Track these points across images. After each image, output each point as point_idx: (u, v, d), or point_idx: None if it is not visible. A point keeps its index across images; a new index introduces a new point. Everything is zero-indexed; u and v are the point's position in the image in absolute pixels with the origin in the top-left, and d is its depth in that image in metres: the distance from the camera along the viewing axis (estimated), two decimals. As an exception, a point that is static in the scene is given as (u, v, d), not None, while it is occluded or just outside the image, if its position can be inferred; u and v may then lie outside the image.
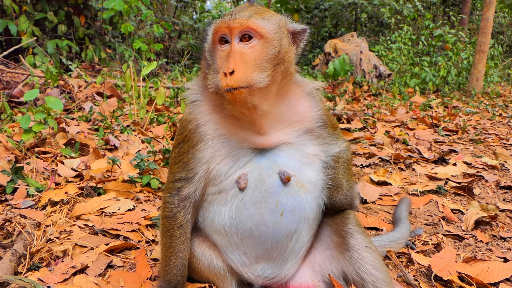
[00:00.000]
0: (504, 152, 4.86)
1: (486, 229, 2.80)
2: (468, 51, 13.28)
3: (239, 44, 1.64)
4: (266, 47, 1.65)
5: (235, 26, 1.62)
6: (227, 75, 1.56)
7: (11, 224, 2.42)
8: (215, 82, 1.66)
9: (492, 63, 14.40)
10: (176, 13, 16.22)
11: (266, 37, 1.65)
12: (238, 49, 1.62)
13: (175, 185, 1.78)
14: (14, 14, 8.21)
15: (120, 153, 4.03)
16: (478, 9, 21.14)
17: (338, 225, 1.85)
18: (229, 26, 1.63)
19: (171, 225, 1.79)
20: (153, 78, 8.32)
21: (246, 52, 1.63)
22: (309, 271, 1.91)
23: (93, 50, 9.43)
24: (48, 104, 3.75)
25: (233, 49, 1.62)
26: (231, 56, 1.61)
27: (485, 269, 2.15)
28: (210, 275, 1.90)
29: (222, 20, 1.66)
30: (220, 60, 1.67)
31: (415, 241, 2.57)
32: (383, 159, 4.44)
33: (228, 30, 1.64)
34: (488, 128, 6.88)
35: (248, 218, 1.72)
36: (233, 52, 1.61)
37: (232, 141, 1.74)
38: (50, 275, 1.95)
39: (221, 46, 1.68)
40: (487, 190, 3.64)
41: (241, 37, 1.64)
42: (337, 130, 1.93)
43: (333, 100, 8.65)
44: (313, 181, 1.80)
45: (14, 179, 2.90)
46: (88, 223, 2.54)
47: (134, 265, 2.12)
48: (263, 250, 1.78)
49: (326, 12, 18.99)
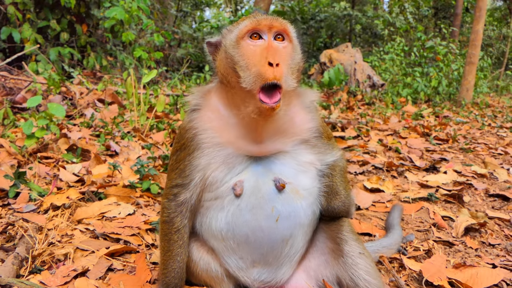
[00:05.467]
0: (493, 161, 4.89)
1: (475, 235, 2.82)
2: (458, 63, 13.40)
3: (275, 42, 1.65)
4: (293, 52, 1.69)
5: (276, 24, 1.64)
6: (274, 66, 1.54)
7: (14, 227, 2.42)
8: (252, 76, 1.57)
9: (482, 74, 14.52)
10: (176, 23, 16.28)
11: (293, 43, 1.70)
12: (275, 45, 1.63)
13: (172, 191, 1.78)
14: (18, 22, 8.21)
15: (121, 158, 4.03)
16: (468, 22, 21.34)
17: (333, 231, 1.86)
18: (270, 24, 1.63)
19: (169, 230, 1.79)
20: (153, 86, 8.35)
21: (281, 50, 1.64)
22: (304, 275, 1.91)
23: (94, 57, 9.44)
24: (50, 110, 3.75)
25: (271, 44, 1.62)
26: (271, 50, 1.59)
27: (474, 275, 2.15)
28: (208, 278, 1.90)
29: (261, 18, 1.65)
30: (255, 54, 1.61)
31: (406, 247, 2.58)
32: (376, 166, 4.46)
33: (267, 28, 1.63)
34: (477, 138, 6.93)
35: (244, 223, 1.72)
36: (272, 47, 1.61)
37: (228, 149, 1.74)
38: (52, 278, 1.95)
39: (253, 41, 1.65)
40: (476, 198, 3.67)
41: (275, 37, 1.65)
42: (332, 140, 1.93)
43: (328, 108, 8.70)
44: (308, 188, 1.80)
45: (17, 184, 2.90)
46: (89, 227, 2.54)
47: (134, 269, 2.12)
48: (259, 255, 1.79)
49: (321, 23, 19.12)
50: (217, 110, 1.76)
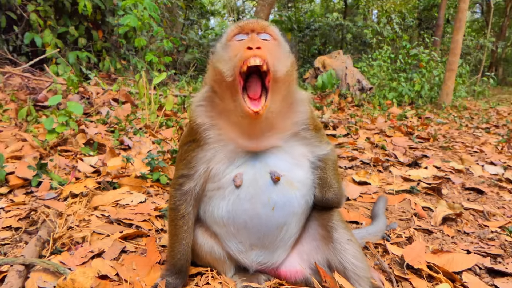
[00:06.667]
0: (469, 158, 4.90)
1: (452, 224, 2.84)
2: (439, 69, 13.37)
3: (258, 36, 1.64)
4: (279, 47, 1.67)
5: (258, 27, 1.64)
6: (253, 49, 1.51)
7: (36, 213, 2.43)
8: (231, 65, 1.55)
9: (460, 80, 14.49)
10: (183, 30, 16.22)
11: (279, 40, 1.69)
12: (258, 38, 1.62)
13: (178, 181, 1.78)
14: (40, 28, 8.17)
15: (133, 152, 4.03)
16: (449, 33, 21.29)
17: (324, 219, 1.86)
18: (253, 27, 1.63)
19: (175, 216, 1.80)
20: (162, 87, 8.34)
21: (264, 42, 1.62)
22: (297, 258, 1.92)
23: (109, 61, 9.41)
24: (69, 108, 3.75)
25: (253, 37, 1.61)
26: (253, 39, 1.58)
27: (451, 259, 2.17)
28: (212, 260, 1.91)
29: (244, 22, 1.65)
30: (237, 48, 1.58)
31: (390, 234, 2.60)
32: (364, 162, 4.47)
33: (250, 30, 1.64)
34: (455, 137, 6.93)
35: (243, 211, 1.73)
36: (254, 38, 1.59)
37: (230, 144, 1.74)
38: (71, 258, 1.97)
39: (238, 40, 1.64)
40: (453, 191, 3.68)
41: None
42: (321, 132, 1.88)
43: (321, 109, 8.69)
44: (302, 180, 1.79)
45: (39, 174, 2.91)
46: (105, 213, 2.56)
47: (145, 251, 2.13)
48: (256, 239, 1.80)
49: (316, 31, 19.06)
50: (219, 110, 1.76)
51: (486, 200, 3.44)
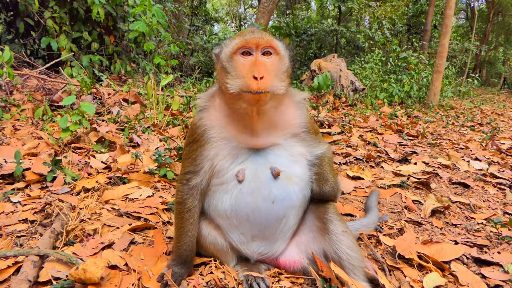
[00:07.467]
0: (455, 154, 4.88)
1: (440, 217, 2.82)
2: (427, 71, 13.31)
3: (262, 57, 1.62)
4: (281, 62, 1.66)
5: (262, 42, 1.61)
6: (258, 80, 1.53)
7: (51, 206, 2.41)
8: (238, 85, 1.58)
9: (447, 81, 14.44)
10: (189, 35, 16.15)
11: (281, 55, 1.67)
12: (262, 60, 1.61)
13: (185, 176, 1.78)
14: (55, 33, 8.13)
15: (142, 149, 4.01)
16: (436, 37, 21.18)
17: (320, 212, 1.85)
18: (257, 43, 1.61)
19: (182, 209, 1.79)
20: (169, 88, 8.29)
21: (268, 63, 1.61)
22: (296, 249, 1.91)
23: (120, 64, 9.36)
24: (82, 108, 3.73)
25: (258, 59, 1.60)
26: (257, 65, 1.57)
27: (440, 249, 2.16)
28: (215, 251, 1.90)
29: (249, 37, 1.62)
30: (244, 68, 1.60)
31: (382, 226, 2.58)
32: (357, 158, 4.45)
33: (254, 45, 1.61)
34: (443, 135, 6.91)
35: (245, 205, 1.72)
36: (259, 62, 1.59)
37: (232, 142, 1.73)
38: (83, 249, 1.95)
39: (244, 57, 1.63)
40: (441, 185, 3.66)
41: (263, 53, 1.63)
42: (319, 135, 1.91)
43: (317, 109, 8.66)
44: (300, 176, 1.79)
45: (54, 170, 2.89)
46: (115, 206, 2.53)
47: (152, 242, 2.11)
48: (257, 231, 1.78)
49: (312, 36, 18.96)
50: (221, 110, 1.75)
51: (472, 193, 3.41)
